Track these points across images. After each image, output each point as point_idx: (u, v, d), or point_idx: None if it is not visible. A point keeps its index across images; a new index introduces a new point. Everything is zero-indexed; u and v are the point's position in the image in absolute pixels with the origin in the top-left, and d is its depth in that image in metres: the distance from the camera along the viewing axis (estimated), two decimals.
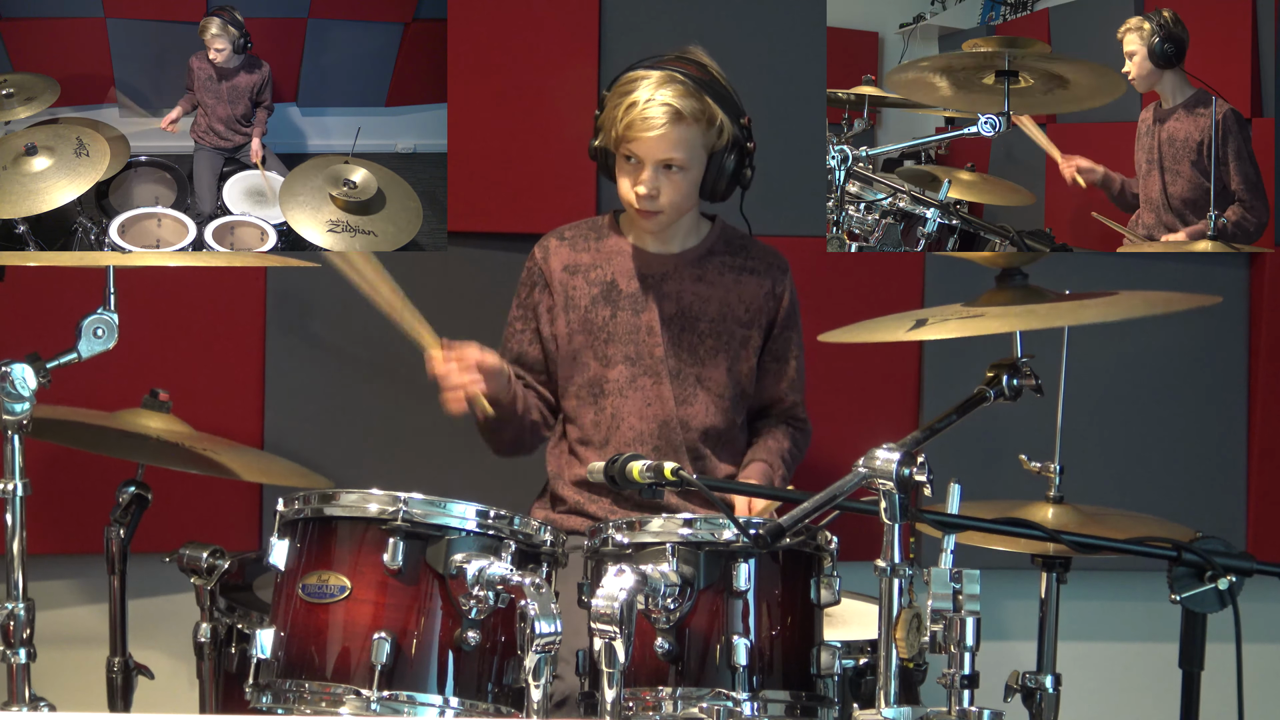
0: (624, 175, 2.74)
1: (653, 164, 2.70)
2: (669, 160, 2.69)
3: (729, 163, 2.74)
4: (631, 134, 2.67)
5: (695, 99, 2.67)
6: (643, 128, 2.66)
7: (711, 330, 2.84)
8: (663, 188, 2.71)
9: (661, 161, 2.70)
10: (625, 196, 2.76)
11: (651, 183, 2.71)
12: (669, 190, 2.72)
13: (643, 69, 2.70)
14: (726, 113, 2.71)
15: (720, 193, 2.78)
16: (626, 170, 2.74)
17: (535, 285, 2.90)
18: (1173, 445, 3.48)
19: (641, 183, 2.71)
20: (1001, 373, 2.29)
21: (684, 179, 2.73)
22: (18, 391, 2.43)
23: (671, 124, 2.66)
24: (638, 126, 2.66)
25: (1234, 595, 2.09)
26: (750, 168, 2.78)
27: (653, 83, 2.67)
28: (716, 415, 2.84)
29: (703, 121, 2.69)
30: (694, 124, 2.68)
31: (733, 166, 2.75)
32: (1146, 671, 3.49)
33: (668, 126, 2.66)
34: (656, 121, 2.66)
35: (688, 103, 2.67)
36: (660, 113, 2.65)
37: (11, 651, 2.47)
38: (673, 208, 2.75)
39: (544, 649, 2.06)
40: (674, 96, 2.66)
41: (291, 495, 2.34)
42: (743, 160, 2.76)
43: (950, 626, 1.96)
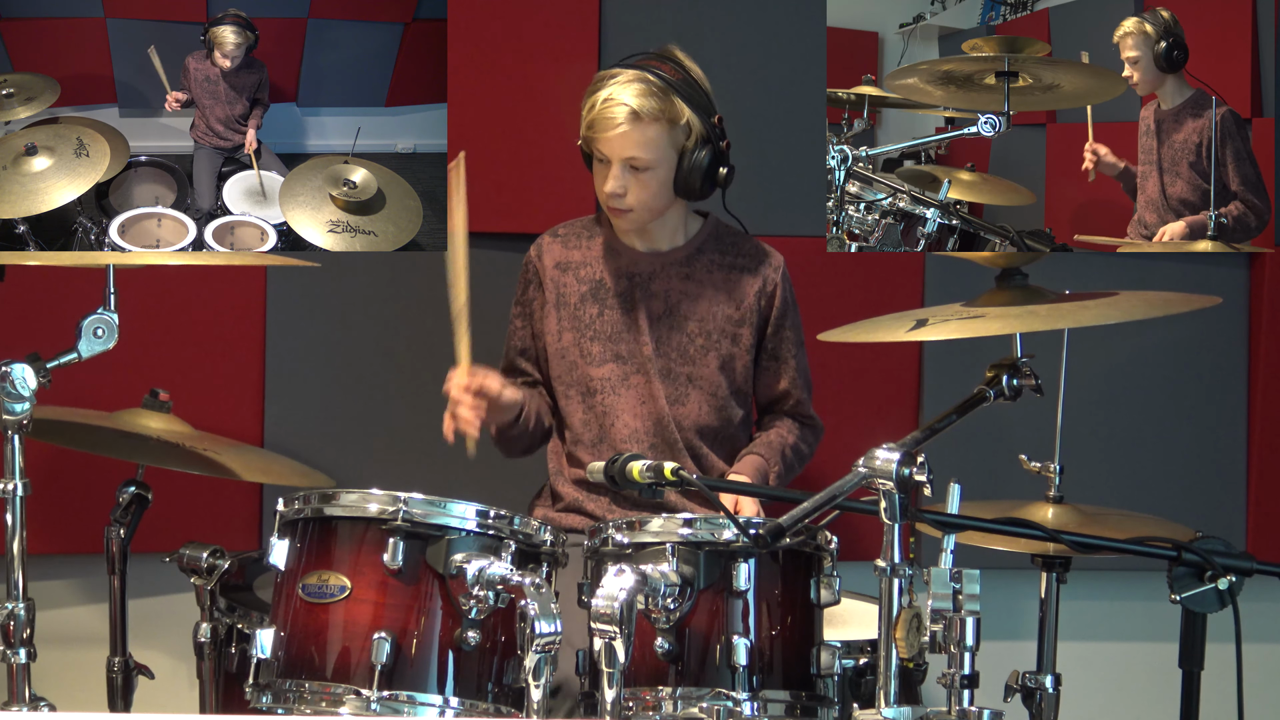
0: (597, 173, 2.78)
1: (619, 162, 2.72)
2: (633, 159, 2.71)
3: (700, 161, 2.74)
4: (593, 133, 2.71)
5: (657, 99, 2.68)
6: (603, 126, 2.69)
7: (700, 329, 2.84)
8: (630, 187, 2.73)
9: (626, 160, 2.71)
10: (599, 194, 2.79)
11: (619, 181, 2.72)
12: (636, 189, 2.73)
13: (617, 67, 2.73)
14: (695, 111, 2.71)
15: (696, 191, 2.77)
16: (598, 168, 2.77)
17: (530, 283, 2.91)
18: (1173, 445, 3.48)
19: (609, 181, 2.73)
20: (1001, 373, 2.29)
21: (651, 178, 2.73)
22: (18, 391, 2.43)
23: (630, 123, 2.68)
24: (598, 125, 2.70)
25: (1234, 595, 2.09)
26: (726, 166, 2.77)
27: (619, 82, 2.70)
28: (710, 414, 2.84)
29: (663, 121, 2.69)
30: (653, 123, 2.69)
31: (705, 165, 2.74)
32: (1146, 671, 3.49)
33: (626, 126, 2.68)
34: (614, 120, 2.68)
35: (647, 102, 2.68)
36: (618, 112, 2.68)
37: (11, 651, 2.47)
38: (642, 206, 2.76)
39: (544, 649, 2.06)
40: (634, 96, 2.68)
41: (291, 495, 2.34)
42: (715, 158, 2.76)
43: (950, 626, 1.96)
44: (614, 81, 2.70)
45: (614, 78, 2.71)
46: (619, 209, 2.76)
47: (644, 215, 2.79)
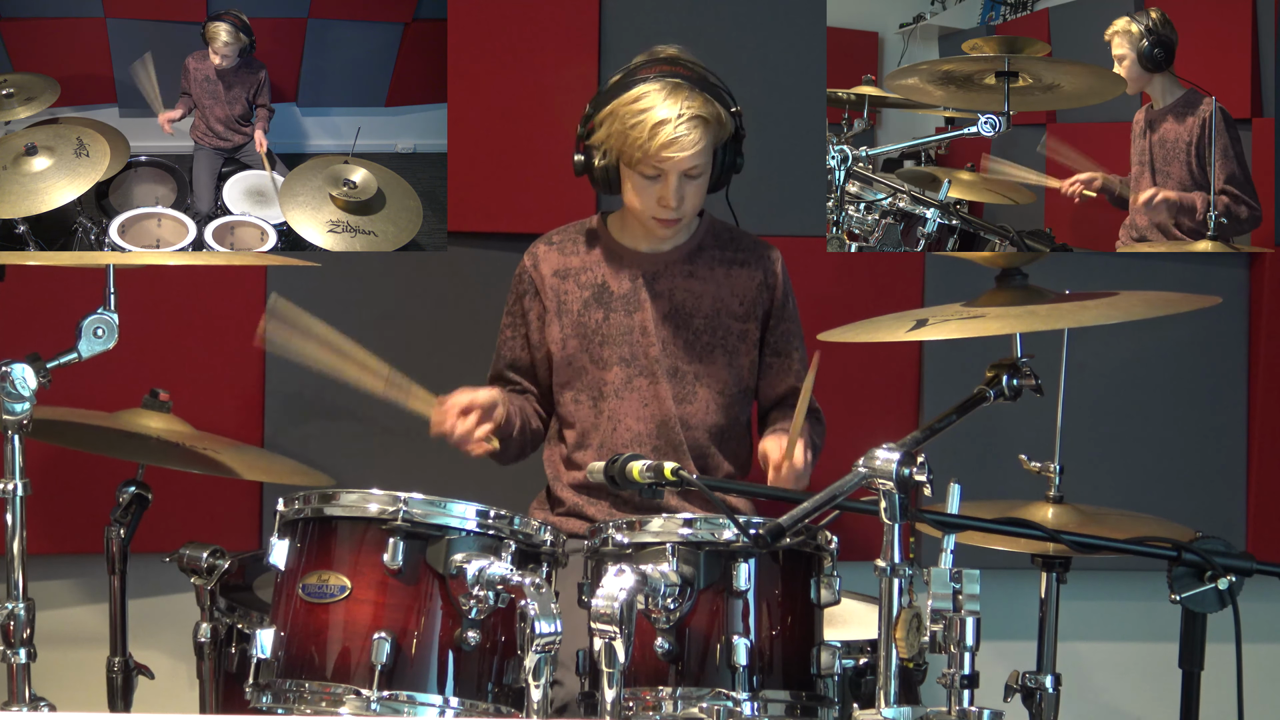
0: (642, 190, 2.71)
1: (677, 175, 2.68)
2: (693, 169, 2.68)
3: (730, 154, 2.75)
4: (667, 153, 2.63)
5: (707, 103, 2.66)
6: (679, 146, 2.62)
7: (707, 326, 2.84)
8: (686, 195, 2.70)
9: (686, 171, 2.68)
10: (643, 210, 2.73)
11: (678, 193, 2.69)
12: (691, 196, 2.72)
13: (640, 82, 2.66)
14: (724, 106, 2.71)
15: (722, 183, 2.78)
16: (645, 185, 2.70)
17: (525, 293, 2.89)
18: (1173, 445, 3.48)
19: (668, 195, 2.68)
20: (1001, 373, 2.29)
21: (702, 182, 2.73)
22: (18, 391, 2.43)
23: (704, 134, 2.65)
24: (673, 146, 2.62)
25: (1234, 595, 2.09)
26: (741, 154, 2.78)
27: (664, 95, 2.63)
28: (718, 412, 2.84)
29: (715, 122, 2.68)
30: (715, 127, 2.68)
31: (732, 157, 2.76)
32: (1146, 671, 3.49)
33: (703, 139, 2.64)
34: (691, 138, 2.62)
35: (707, 108, 2.65)
36: (692, 127, 2.62)
37: (11, 651, 2.47)
38: (692, 211, 2.76)
39: (544, 649, 2.06)
40: (696, 106, 2.63)
41: (291, 495, 2.34)
42: (739, 149, 2.77)
43: (950, 626, 1.96)
44: (658, 96, 2.63)
45: (651, 92, 2.63)
46: (674, 219, 2.73)
47: (689, 219, 2.78)
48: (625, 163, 2.70)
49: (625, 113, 2.65)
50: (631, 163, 2.68)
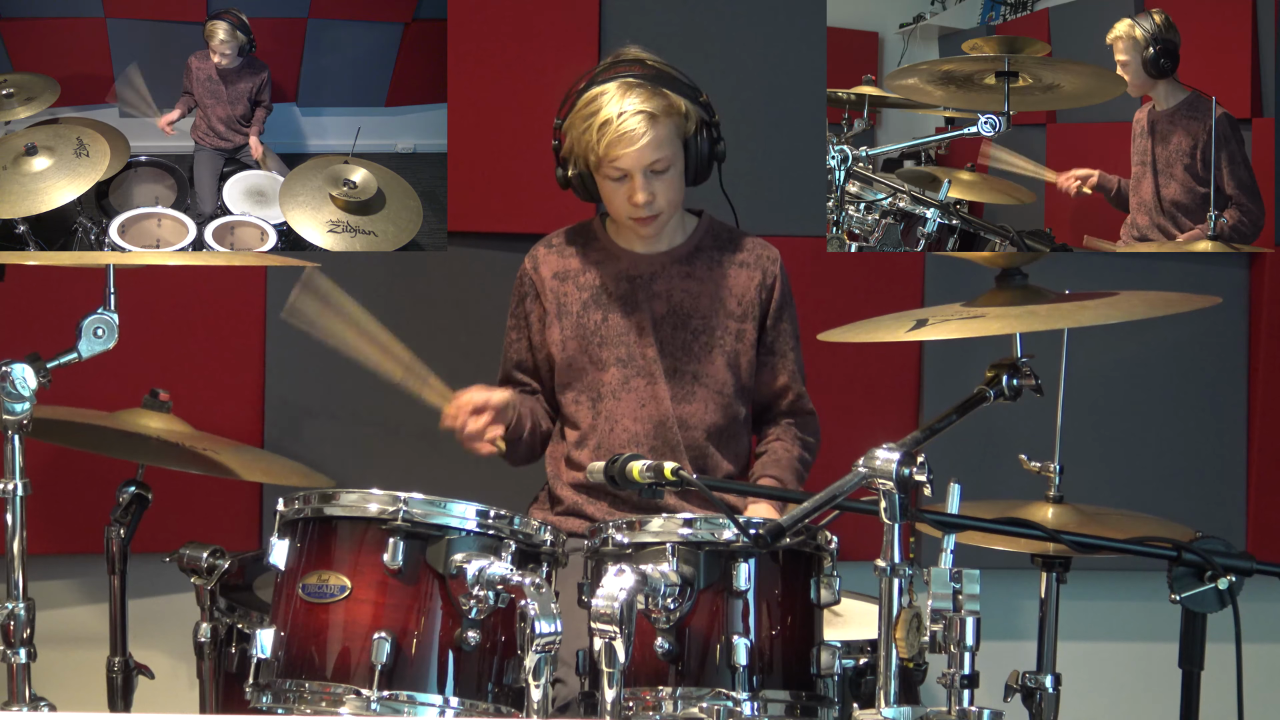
0: (614, 192, 2.74)
1: (641, 172, 2.70)
2: (654, 163, 2.70)
3: (703, 144, 2.75)
4: (615, 151, 2.67)
5: (659, 96, 2.68)
6: (626, 142, 2.66)
7: (704, 326, 2.84)
8: (657, 191, 2.72)
9: (648, 167, 2.70)
10: (620, 211, 2.76)
11: (646, 190, 2.71)
12: (663, 191, 2.73)
13: (595, 85, 2.70)
14: (685, 97, 2.72)
15: (702, 174, 2.79)
16: (614, 187, 2.74)
17: (526, 295, 2.90)
18: (1173, 445, 3.48)
19: (637, 193, 2.71)
20: (1001, 373, 2.29)
21: (672, 175, 2.74)
22: (18, 391, 2.43)
23: (650, 129, 2.67)
24: (620, 143, 2.66)
25: (1234, 595, 2.09)
26: (721, 140, 2.78)
27: (614, 95, 2.67)
28: (716, 412, 2.84)
29: (674, 115, 2.70)
30: (666, 120, 2.69)
31: (707, 146, 2.76)
32: (1146, 671, 3.49)
33: (649, 132, 2.67)
34: (637, 133, 2.66)
35: (656, 102, 2.67)
36: (637, 122, 2.66)
37: (11, 651, 2.47)
38: (670, 206, 2.76)
39: (544, 649, 2.06)
40: (641, 101, 2.66)
41: (291, 495, 2.34)
42: (713, 136, 2.77)
43: (950, 626, 1.96)
44: (608, 97, 2.68)
45: (603, 94, 2.68)
46: (650, 216, 2.75)
47: (669, 214, 2.79)
48: (591, 168, 2.74)
49: (578, 118, 2.70)
50: (594, 167, 2.72)
